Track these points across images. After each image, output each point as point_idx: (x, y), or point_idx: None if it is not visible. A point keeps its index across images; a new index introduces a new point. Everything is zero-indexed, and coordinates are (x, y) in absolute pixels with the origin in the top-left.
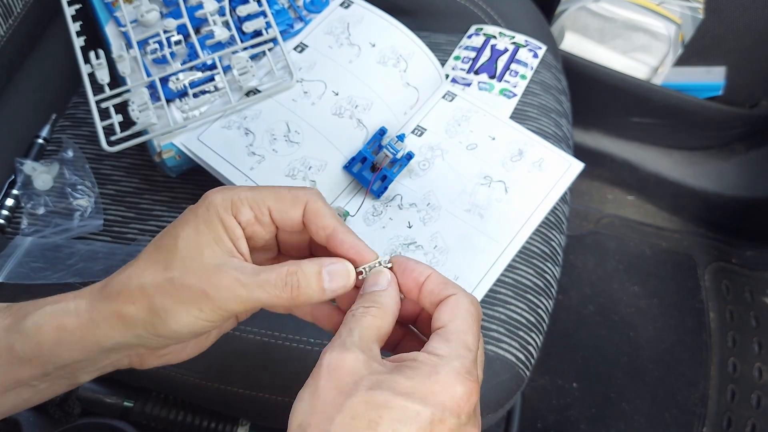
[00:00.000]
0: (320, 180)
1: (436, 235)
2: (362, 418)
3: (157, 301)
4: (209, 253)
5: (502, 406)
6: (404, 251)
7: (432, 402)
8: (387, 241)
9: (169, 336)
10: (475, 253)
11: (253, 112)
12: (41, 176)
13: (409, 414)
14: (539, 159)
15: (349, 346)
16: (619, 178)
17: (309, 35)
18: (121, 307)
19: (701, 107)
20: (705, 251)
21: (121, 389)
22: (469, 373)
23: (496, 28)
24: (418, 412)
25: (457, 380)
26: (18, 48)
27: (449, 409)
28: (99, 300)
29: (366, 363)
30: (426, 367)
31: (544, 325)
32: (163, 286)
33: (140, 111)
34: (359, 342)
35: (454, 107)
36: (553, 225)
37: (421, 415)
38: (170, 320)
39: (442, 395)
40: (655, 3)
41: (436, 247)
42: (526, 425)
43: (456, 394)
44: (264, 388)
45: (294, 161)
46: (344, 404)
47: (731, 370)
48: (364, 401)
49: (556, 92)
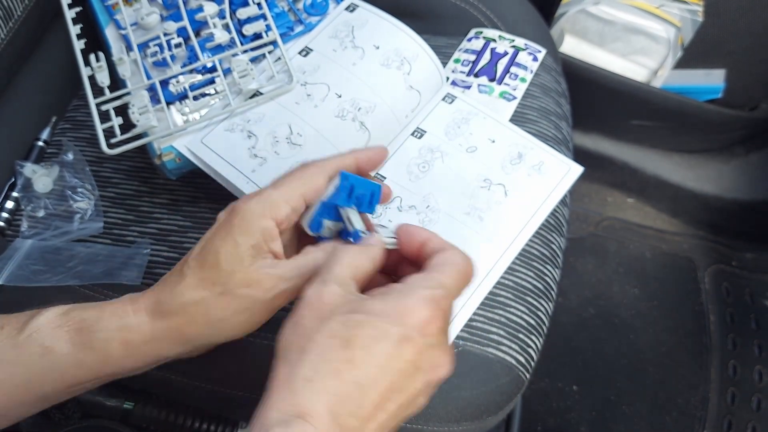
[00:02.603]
0: None
1: None
2: (338, 337)
3: (212, 315)
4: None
5: (501, 408)
6: None
7: (400, 322)
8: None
9: (222, 340)
10: (475, 255)
11: (256, 115)
12: (41, 179)
13: (380, 332)
14: (539, 162)
15: (327, 280)
16: (619, 180)
17: (314, 39)
18: (181, 325)
19: (701, 110)
20: (705, 254)
21: (121, 392)
22: (434, 301)
23: (495, 32)
24: (387, 330)
25: (423, 305)
26: (18, 51)
27: (415, 328)
28: (158, 318)
29: (342, 295)
30: (396, 293)
31: (544, 328)
32: (217, 301)
33: (140, 114)
34: (336, 278)
35: (454, 110)
36: (553, 228)
37: (391, 333)
38: (227, 328)
39: (409, 317)
40: (654, 6)
41: None
42: (526, 428)
43: (421, 316)
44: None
45: (296, 164)
46: (321, 326)
47: (731, 372)
48: (340, 323)
49: (555, 95)
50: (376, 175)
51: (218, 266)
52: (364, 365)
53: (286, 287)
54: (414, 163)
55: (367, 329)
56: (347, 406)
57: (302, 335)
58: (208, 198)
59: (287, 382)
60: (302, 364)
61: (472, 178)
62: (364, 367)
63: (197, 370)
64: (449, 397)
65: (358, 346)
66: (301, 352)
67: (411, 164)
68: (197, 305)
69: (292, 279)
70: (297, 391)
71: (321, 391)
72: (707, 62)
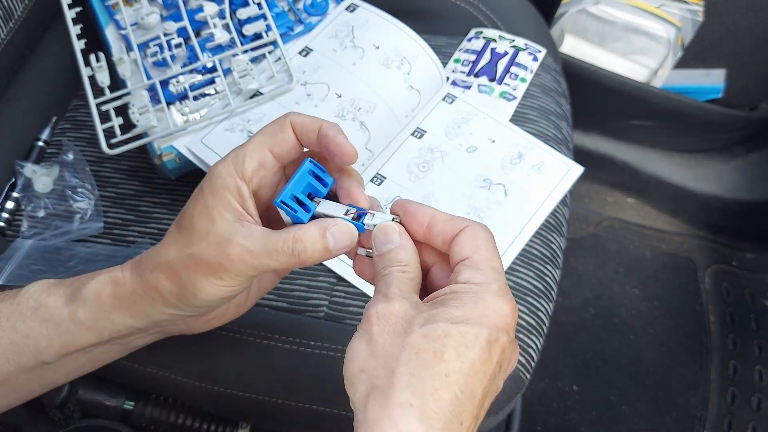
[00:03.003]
0: None
1: None
2: (426, 351)
3: (183, 276)
4: (221, 224)
5: (502, 408)
6: None
7: (486, 323)
8: None
9: (201, 305)
10: None
11: (256, 115)
12: (41, 179)
13: (470, 338)
14: (539, 162)
15: (392, 296)
16: (619, 180)
17: (314, 39)
18: (156, 281)
19: (701, 110)
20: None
21: (121, 392)
22: (506, 292)
23: (496, 32)
24: (477, 335)
25: (502, 301)
26: (18, 51)
27: (501, 328)
28: (137, 274)
29: (412, 306)
30: (469, 296)
31: (544, 328)
32: (185, 262)
33: (140, 114)
34: (400, 292)
35: (454, 110)
36: (553, 228)
37: (480, 337)
38: (197, 291)
39: (493, 316)
40: (654, 6)
41: None
42: (527, 428)
43: (504, 313)
44: (264, 391)
45: None
46: (404, 342)
47: (732, 372)
48: (422, 335)
49: (555, 95)
50: (377, 174)
51: (191, 228)
52: (461, 377)
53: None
54: (414, 162)
55: (456, 337)
56: (451, 427)
57: (384, 355)
58: None
59: (384, 411)
60: (396, 388)
61: (472, 178)
62: (462, 379)
63: (197, 370)
64: None
65: (451, 357)
66: (389, 374)
67: (411, 164)
68: (168, 265)
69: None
70: (399, 420)
71: (423, 415)
72: (707, 62)
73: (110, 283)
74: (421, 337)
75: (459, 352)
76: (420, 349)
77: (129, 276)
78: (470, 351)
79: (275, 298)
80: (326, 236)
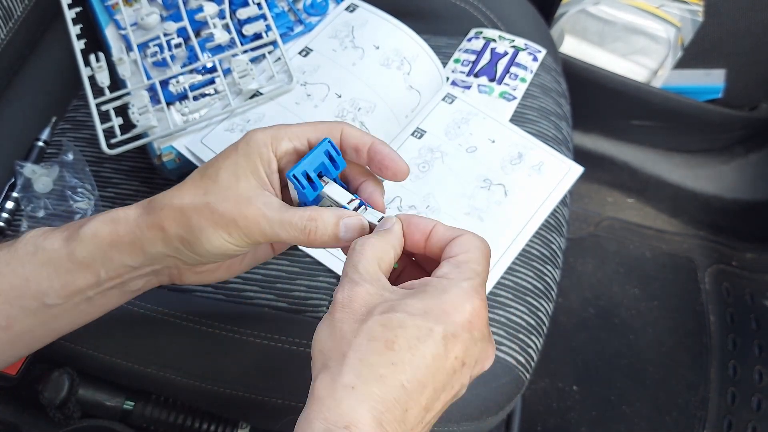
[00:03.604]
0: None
1: None
2: (379, 339)
3: (194, 221)
4: (244, 185)
5: (502, 408)
6: None
7: (444, 320)
8: None
9: (202, 254)
10: None
11: (256, 115)
12: (41, 179)
13: (424, 331)
14: (539, 162)
15: (357, 280)
16: (619, 180)
17: (314, 40)
18: (162, 221)
19: (701, 110)
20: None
21: (121, 392)
22: (476, 292)
23: (495, 32)
24: (431, 329)
25: (466, 298)
26: (18, 51)
27: (460, 325)
28: (144, 213)
29: (377, 292)
30: (437, 290)
31: (544, 328)
32: (200, 209)
33: (140, 114)
34: (365, 275)
35: (454, 110)
36: (553, 228)
37: (435, 332)
38: (203, 239)
39: (453, 313)
40: (654, 6)
41: None
42: (527, 428)
43: (465, 310)
44: (264, 391)
45: None
46: (360, 329)
47: (731, 372)
48: (379, 324)
49: (555, 95)
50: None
51: (216, 178)
52: (410, 368)
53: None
54: (414, 163)
55: (410, 330)
56: (394, 412)
57: (340, 339)
58: None
59: (330, 390)
60: (344, 370)
61: (472, 178)
62: (409, 370)
63: (197, 370)
64: None
65: (401, 347)
66: (341, 357)
67: (411, 164)
68: (181, 207)
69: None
70: (341, 401)
71: (366, 399)
72: (707, 62)
73: (109, 222)
74: (378, 325)
75: (411, 344)
76: (373, 336)
77: (132, 214)
78: (422, 344)
79: (275, 298)
80: (339, 225)
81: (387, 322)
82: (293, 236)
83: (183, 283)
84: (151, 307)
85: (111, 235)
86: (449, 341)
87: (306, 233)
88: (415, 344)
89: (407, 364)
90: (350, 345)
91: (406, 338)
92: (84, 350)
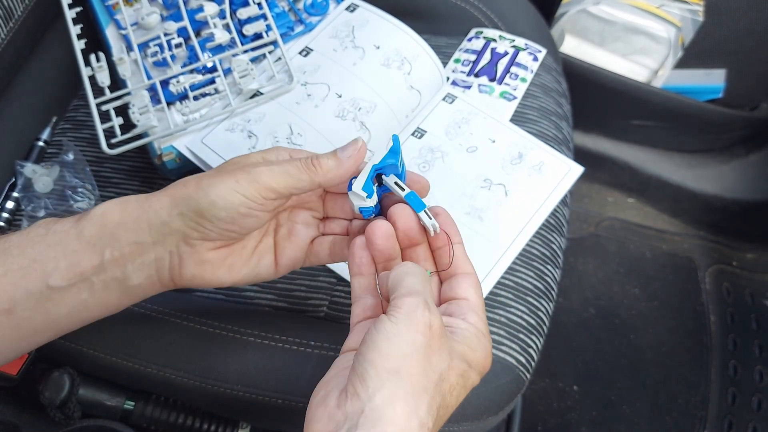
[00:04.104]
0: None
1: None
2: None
3: (204, 180)
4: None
5: (502, 408)
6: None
7: (479, 370)
8: None
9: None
10: (475, 255)
11: (256, 115)
12: (42, 179)
13: (472, 381)
14: (539, 162)
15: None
16: (619, 180)
17: (314, 39)
18: (173, 190)
19: (701, 110)
20: (706, 254)
21: (121, 392)
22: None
23: (496, 32)
24: (475, 380)
25: (491, 351)
26: (18, 51)
27: (482, 373)
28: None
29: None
30: (476, 341)
31: (544, 328)
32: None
33: (141, 113)
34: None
35: (455, 110)
36: (554, 228)
37: (473, 380)
38: (210, 190)
39: (483, 363)
40: (654, 6)
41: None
42: (527, 428)
43: (489, 361)
44: (264, 391)
45: None
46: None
47: (732, 372)
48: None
49: (556, 95)
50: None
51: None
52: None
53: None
54: (414, 163)
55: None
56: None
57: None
58: None
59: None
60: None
61: (472, 178)
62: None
63: (197, 370)
64: None
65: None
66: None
67: (411, 164)
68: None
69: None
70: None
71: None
72: (707, 62)
73: (120, 202)
74: (455, 375)
75: (460, 394)
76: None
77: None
78: (466, 391)
79: (275, 298)
80: (336, 152)
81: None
82: (297, 179)
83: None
84: (151, 307)
85: (120, 213)
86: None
87: (310, 168)
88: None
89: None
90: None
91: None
92: (84, 350)
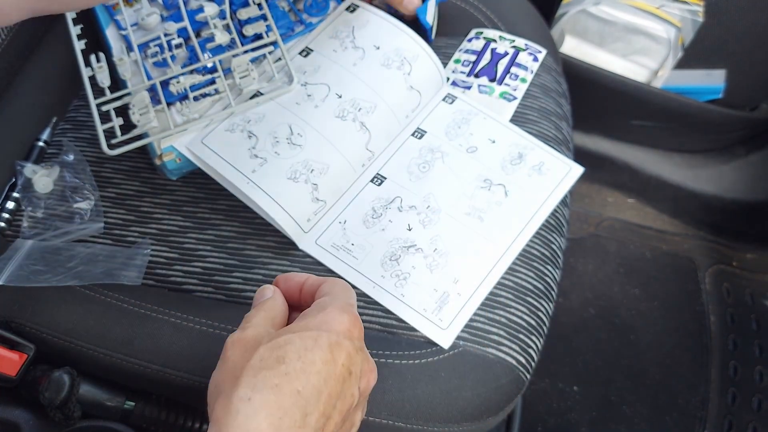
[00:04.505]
0: (322, 183)
1: (435, 238)
2: (270, 358)
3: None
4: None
5: (502, 409)
6: (404, 254)
7: (326, 329)
8: (387, 243)
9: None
10: (475, 256)
11: (256, 115)
12: (42, 179)
13: (310, 341)
14: (539, 163)
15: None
16: (619, 181)
17: (314, 40)
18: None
19: (701, 110)
20: (706, 254)
21: (121, 392)
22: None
23: (496, 32)
24: (316, 337)
25: (342, 312)
26: (18, 51)
27: (342, 333)
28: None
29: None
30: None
31: (544, 328)
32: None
33: (141, 114)
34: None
35: (455, 110)
36: (554, 228)
37: (321, 339)
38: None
39: (333, 323)
40: (654, 6)
41: (436, 250)
42: (527, 428)
43: (344, 320)
44: None
45: (296, 164)
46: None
47: (732, 373)
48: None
49: (556, 95)
50: (377, 174)
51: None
52: (303, 374)
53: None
54: (414, 163)
55: (297, 342)
56: (293, 418)
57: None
58: (209, 198)
59: (226, 409)
60: (238, 387)
61: (472, 179)
62: (302, 377)
63: (198, 370)
64: (449, 397)
65: (292, 359)
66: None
67: (411, 164)
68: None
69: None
70: (237, 413)
71: (262, 406)
72: (708, 62)
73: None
74: (266, 349)
75: (300, 354)
76: (264, 357)
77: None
78: (310, 352)
79: None
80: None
81: (274, 344)
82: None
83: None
84: (151, 307)
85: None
86: (334, 348)
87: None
88: (303, 353)
89: (300, 372)
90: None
91: (295, 350)
92: (84, 350)
